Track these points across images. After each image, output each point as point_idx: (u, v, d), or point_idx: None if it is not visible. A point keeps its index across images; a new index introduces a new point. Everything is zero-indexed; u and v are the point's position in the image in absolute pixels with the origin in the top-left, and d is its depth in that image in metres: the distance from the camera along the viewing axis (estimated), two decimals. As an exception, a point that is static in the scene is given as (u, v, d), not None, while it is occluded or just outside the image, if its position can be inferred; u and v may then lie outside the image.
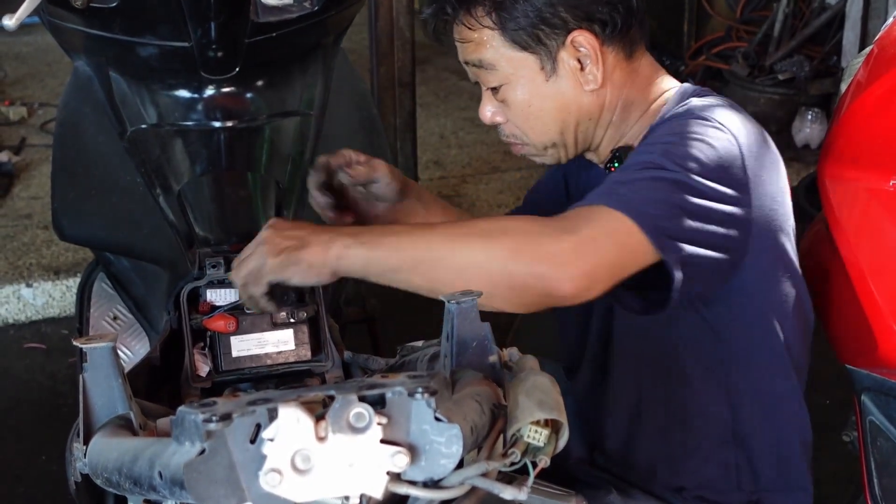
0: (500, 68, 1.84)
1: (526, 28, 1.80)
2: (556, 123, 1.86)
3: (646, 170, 1.67)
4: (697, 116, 1.75)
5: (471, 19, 1.83)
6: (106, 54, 2.04)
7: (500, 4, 1.80)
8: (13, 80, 5.66)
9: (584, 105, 1.85)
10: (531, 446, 1.09)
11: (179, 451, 0.96)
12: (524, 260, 1.53)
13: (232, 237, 1.99)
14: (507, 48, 1.83)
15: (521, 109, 1.87)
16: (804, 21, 5.35)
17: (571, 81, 1.84)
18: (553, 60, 1.82)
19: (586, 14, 1.80)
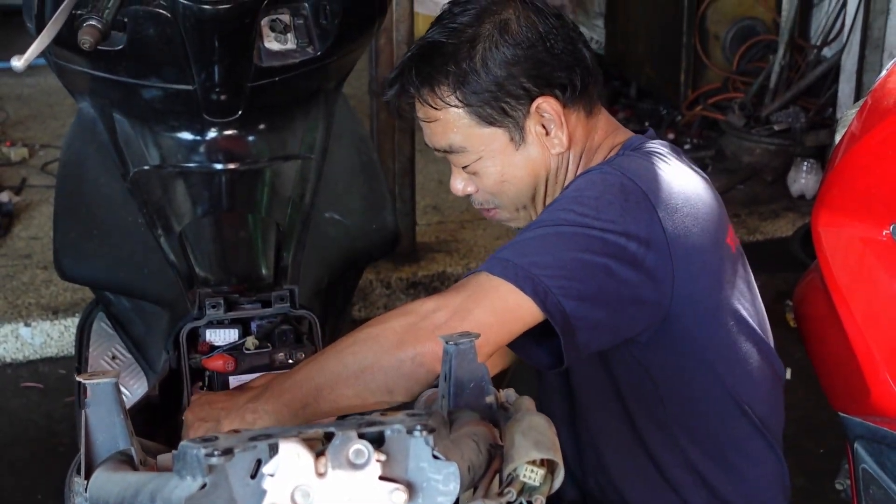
0: (470, 148, 1.85)
1: (490, 102, 1.81)
2: (528, 188, 1.88)
3: (540, 227, 1.69)
4: (604, 170, 1.77)
5: (435, 98, 1.83)
6: (110, 96, 2.07)
7: (463, 80, 1.80)
8: (15, 121, 5.69)
9: (552, 166, 1.87)
10: (527, 485, 1.10)
11: (181, 485, 0.97)
12: (407, 346, 1.55)
13: (232, 278, 2.01)
14: (474, 126, 1.83)
15: (494, 180, 1.88)
16: (800, 73, 5.39)
17: (539, 147, 1.85)
18: (521, 130, 1.83)
19: (547, 80, 1.81)
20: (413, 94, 1.85)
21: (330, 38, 2.00)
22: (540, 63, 1.80)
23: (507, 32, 1.80)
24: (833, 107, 5.18)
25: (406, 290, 4.11)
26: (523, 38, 1.80)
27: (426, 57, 1.83)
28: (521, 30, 1.80)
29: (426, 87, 1.83)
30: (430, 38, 1.84)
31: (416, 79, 1.84)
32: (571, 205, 1.70)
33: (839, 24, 5.26)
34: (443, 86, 1.82)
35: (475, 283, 1.63)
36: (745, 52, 5.66)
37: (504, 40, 1.79)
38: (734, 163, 5.21)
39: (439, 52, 1.82)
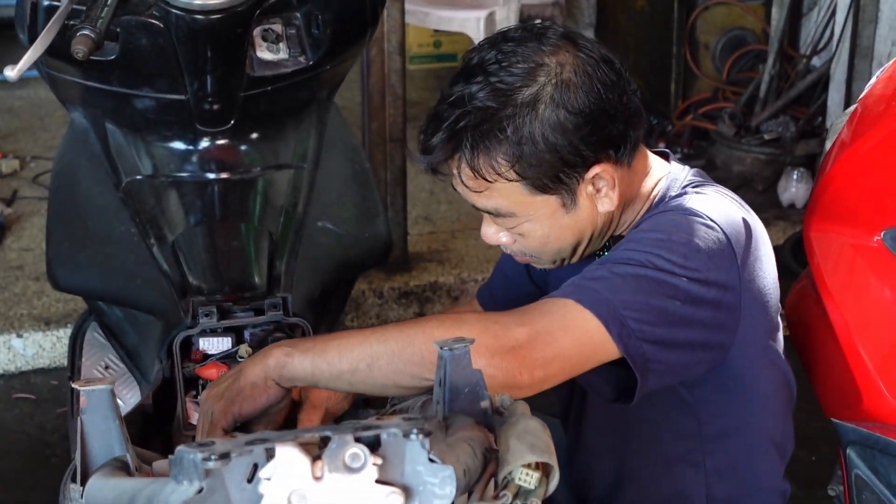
0: (518, 213, 1.75)
1: (548, 173, 1.70)
2: (571, 246, 1.80)
3: (627, 265, 1.64)
4: (687, 211, 1.72)
5: (490, 171, 1.71)
6: (103, 106, 2.07)
7: (520, 152, 1.68)
8: (5, 134, 5.69)
9: (599, 223, 1.80)
10: (522, 489, 1.11)
11: (177, 490, 0.97)
12: (482, 353, 1.47)
13: (225, 287, 2.01)
14: (526, 195, 1.72)
15: (539, 242, 1.79)
16: (790, 82, 5.41)
17: (589, 207, 1.76)
18: (573, 195, 1.74)
19: (604, 142, 1.71)
20: (463, 160, 1.72)
21: (322, 48, 2.01)
22: (599, 126, 1.69)
23: (568, 94, 1.67)
24: (823, 116, 5.20)
25: (398, 300, 4.12)
26: (584, 100, 1.68)
27: (480, 126, 1.69)
28: (581, 91, 1.67)
29: (482, 158, 1.70)
30: (480, 104, 1.69)
31: (469, 150, 1.70)
32: (660, 249, 1.65)
33: (828, 34, 5.28)
34: (500, 158, 1.69)
35: (563, 310, 1.58)
36: (735, 61, 5.67)
37: (565, 104, 1.67)
38: (725, 172, 5.22)
39: (495, 120, 1.68)
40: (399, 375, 1.54)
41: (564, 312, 1.58)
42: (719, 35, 5.67)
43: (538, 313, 1.58)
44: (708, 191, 1.80)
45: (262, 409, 1.64)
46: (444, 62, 6.70)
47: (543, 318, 1.57)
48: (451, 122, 1.71)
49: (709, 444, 1.88)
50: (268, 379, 1.60)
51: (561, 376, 1.57)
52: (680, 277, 1.64)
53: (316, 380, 1.59)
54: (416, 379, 1.53)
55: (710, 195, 1.79)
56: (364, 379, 1.56)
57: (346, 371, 1.55)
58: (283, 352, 1.59)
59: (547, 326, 1.56)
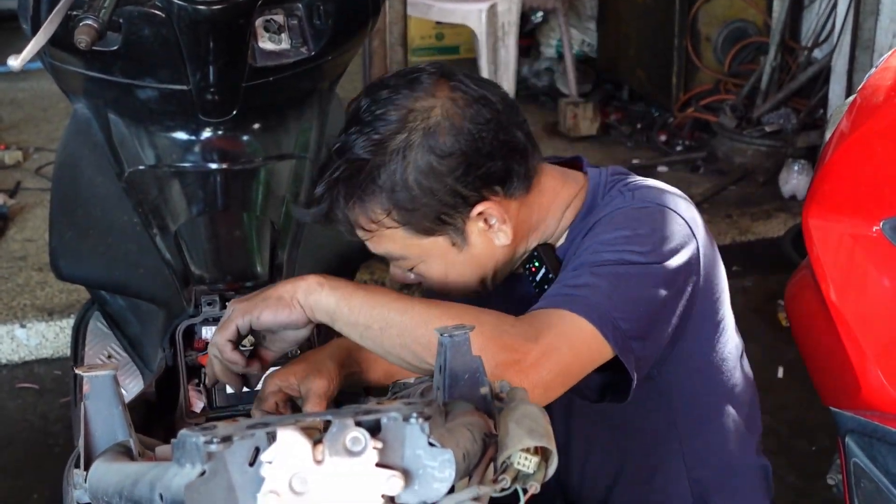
0: (409, 256, 1.78)
1: (429, 216, 1.72)
2: (474, 279, 1.82)
3: (604, 266, 1.66)
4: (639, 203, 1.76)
5: (368, 221, 1.74)
6: (105, 96, 2.08)
7: (395, 200, 1.70)
8: (8, 125, 5.70)
9: (499, 255, 1.80)
10: (521, 473, 1.11)
11: (180, 473, 0.98)
12: (491, 358, 1.46)
13: (227, 276, 2.02)
14: (412, 238, 1.75)
15: (438, 280, 1.81)
16: (791, 75, 5.41)
17: (483, 243, 1.77)
18: (462, 233, 1.75)
19: (484, 181, 1.72)
20: (339, 215, 1.76)
21: (324, 39, 2.01)
22: (473, 166, 1.70)
23: (436, 143, 1.69)
24: (824, 108, 5.20)
25: (400, 291, 4.12)
26: (452, 142, 1.69)
27: (352, 178, 1.72)
28: (449, 134, 1.69)
29: (357, 209, 1.73)
30: (353, 155, 1.71)
31: (344, 201, 1.73)
32: (629, 245, 1.68)
33: (829, 26, 5.28)
34: (376, 207, 1.72)
35: (565, 323, 1.59)
36: (737, 53, 5.68)
37: (433, 148, 1.68)
38: (726, 164, 5.24)
39: (366, 171, 1.71)
40: (404, 350, 1.56)
41: (566, 325, 1.59)
42: (721, 27, 5.68)
43: (544, 327, 1.59)
44: (640, 182, 1.83)
45: (279, 324, 1.65)
46: (446, 54, 6.71)
47: (550, 332, 1.58)
48: (328, 174, 1.75)
49: (683, 428, 1.90)
50: (294, 298, 1.62)
51: (559, 392, 1.59)
52: (654, 265, 1.67)
53: (334, 319, 1.61)
54: (419, 360, 1.56)
55: (646, 185, 1.82)
56: (373, 338, 1.58)
57: (361, 324, 1.58)
58: (317, 280, 1.62)
59: (553, 342, 1.57)
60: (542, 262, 1.81)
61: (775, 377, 3.66)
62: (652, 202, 1.76)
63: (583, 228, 1.78)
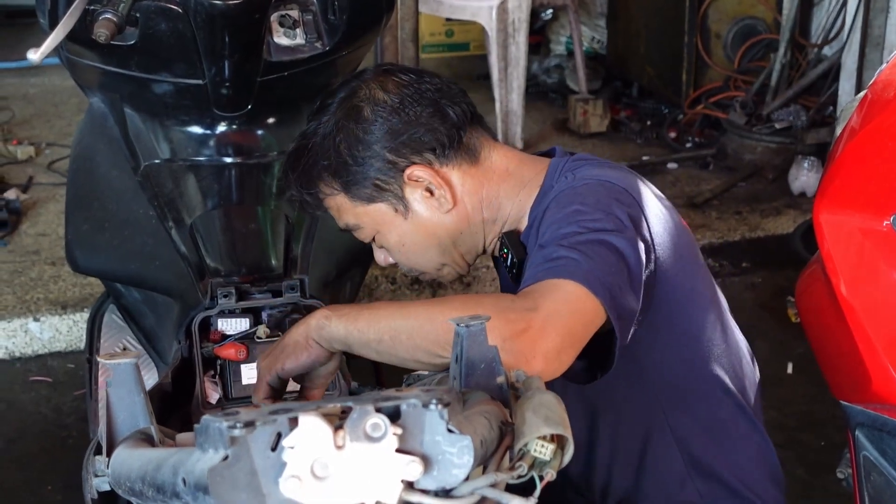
0: (363, 225, 1.91)
1: (364, 184, 1.86)
2: (432, 249, 1.91)
3: (570, 238, 1.70)
4: (583, 181, 1.81)
5: (319, 192, 1.90)
6: (121, 91, 2.09)
7: (335, 172, 1.87)
8: (21, 121, 5.72)
9: (450, 224, 1.90)
10: (538, 460, 1.13)
11: (203, 458, 1.00)
12: (497, 336, 1.49)
13: (242, 268, 2.04)
14: (358, 206, 1.88)
15: (398, 250, 1.92)
16: (801, 72, 5.42)
17: (428, 210, 1.88)
18: (402, 200, 1.87)
19: (413, 149, 1.86)
20: (299, 195, 1.92)
21: (338, 34, 2.03)
22: (398, 134, 1.85)
23: (361, 117, 1.85)
24: (834, 105, 5.21)
25: (410, 286, 4.14)
26: (377, 117, 1.85)
27: (297, 161, 1.90)
28: (374, 110, 1.85)
29: (307, 185, 1.90)
30: (295, 143, 1.93)
31: (294, 183, 1.91)
32: (582, 216, 1.73)
33: (839, 23, 5.29)
34: (319, 181, 1.89)
35: (561, 289, 1.63)
36: (747, 50, 5.69)
37: (359, 126, 1.85)
38: (735, 161, 5.24)
39: (308, 151, 1.89)
40: (417, 351, 1.61)
41: (559, 290, 1.63)
42: (731, 24, 5.69)
43: (540, 296, 1.63)
44: (585, 164, 1.89)
45: (305, 367, 1.73)
46: (455, 51, 6.72)
47: (546, 299, 1.62)
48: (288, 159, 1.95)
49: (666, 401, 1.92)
50: (309, 338, 1.69)
51: (570, 357, 1.61)
52: (609, 232, 1.71)
53: (349, 344, 1.67)
54: (433, 356, 1.59)
55: (588, 165, 1.88)
56: (387, 350, 1.63)
57: (373, 340, 1.64)
58: (323, 314, 1.69)
59: (552, 306, 1.60)
60: (508, 248, 1.89)
61: (784, 372, 3.67)
62: (591, 178, 1.82)
63: (539, 212, 1.84)
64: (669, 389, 1.92)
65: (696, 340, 1.92)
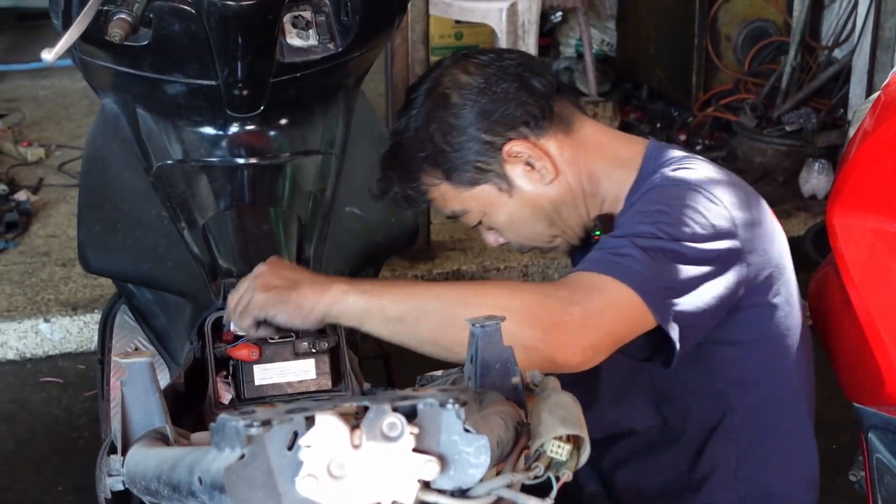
0: (470, 209, 1.94)
1: (466, 168, 1.89)
2: (541, 222, 1.93)
3: (643, 238, 1.72)
4: (682, 183, 1.81)
5: (421, 185, 1.94)
6: (134, 91, 2.10)
7: (434, 162, 1.90)
8: (31, 122, 5.72)
9: (554, 196, 1.91)
10: (554, 461, 1.13)
11: (219, 457, 1.00)
12: (536, 324, 1.57)
13: (255, 269, 2.03)
14: (464, 191, 1.91)
15: (508, 228, 1.95)
16: (811, 74, 5.41)
17: (531, 184, 1.90)
18: (505, 178, 1.90)
19: (506, 125, 1.88)
20: (400, 191, 1.96)
21: (351, 35, 2.03)
22: (489, 113, 1.87)
23: (447, 104, 1.89)
24: (844, 107, 5.19)
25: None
26: (465, 100, 1.88)
27: (394, 158, 1.96)
28: (461, 94, 1.89)
29: (408, 181, 1.94)
30: (391, 138, 1.98)
31: (397, 181, 1.95)
32: (664, 217, 1.75)
33: (850, 26, 5.27)
34: (419, 173, 1.92)
35: (607, 288, 1.66)
36: (757, 53, 5.67)
37: (448, 111, 1.88)
38: (746, 163, 5.23)
39: (403, 146, 1.93)
40: (443, 336, 1.61)
41: (609, 290, 1.65)
42: (741, 26, 5.67)
43: (586, 290, 1.65)
44: (689, 162, 1.89)
45: (291, 326, 1.76)
46: (465, 53, 6.71)
47: (592, 296, 1.65)
48: (384, 158, 2.00)
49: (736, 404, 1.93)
50: (315, 309, 1.69)
51: (606, 354, 1.65)
52: (688, 243, 1.72)
53: (363, 321, 1.67)
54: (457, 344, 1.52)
55: (691, 166, 1.88)
56: (408, 330, 1.64)
57: (395, 318, 1.64)
58: (341, 289, 1.68)
59: (597, 305, 1.64)
60: (602, 231, 1.91)
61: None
62: (689, 182, 1.81)
63: (635, 200, 1.85)
64: (739, 390, 1.93)
65: (782, 349, 1.94)
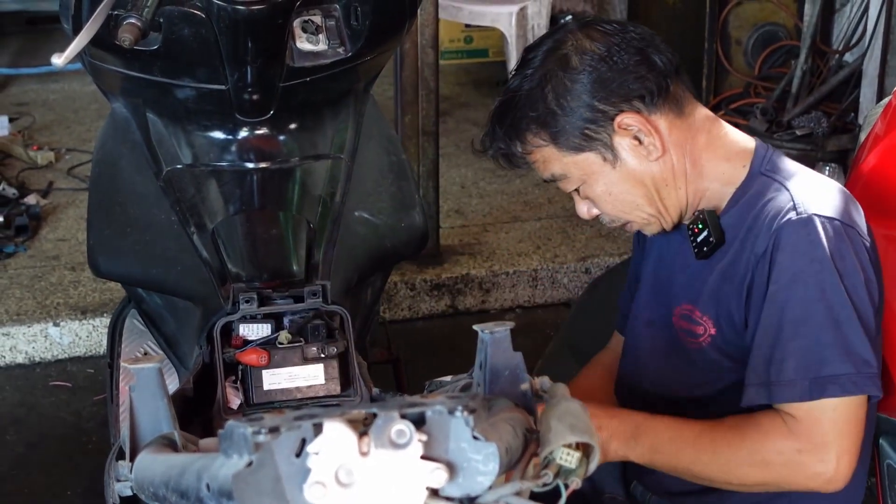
0: (570, 175, 1.92)
1: (574, 133, 1.88)
2: (640, 198, 1.93)
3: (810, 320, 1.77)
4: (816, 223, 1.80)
5: (526, 145, 1.93)
6: (144, 96, 2.09)
7: (544, 123, 1.89)
8: (41, 126, 5.73)
9: (657, 173, 1.91)
10: (563, 468, 1.12)
11: (227, 463, 1.00)
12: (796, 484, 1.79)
13: (264, 274, 2.03)
14: (567, 156, 1.90)
15: (605, 200, 1.94)
16: (822, 78, 5.40)
17: (636, 158, 1.90)
18: (611, 149, 1.89)
19: (622, 96, 1.87)
20: (505, 149, 1.96)
21: (360, 40, 2.03)
22: (607, 83, 1.86)
23: (569, 66, 1.87)
24: (855, 111, 5.18)
25: (430, 292, 4.14)
26: (585, 66, 1.87)
27: (505, 110, 1.94)
28: (582, 59, 1.87)
29: (514, 138, 1.93)
30: (504, 95, 1.95)
31: (502, 133, 1.95)
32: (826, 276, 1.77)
33: (861, 29, 5.26)
34: (527, 132, 1.91)
35: (826, 415, 1.75)
36: (767, 57, 5.67)
37: (568, 74, 1.87)
38: (756, 167, 5.21)
39: (515, 103, 1.92)
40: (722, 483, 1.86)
41: (831, 417, 1.76)
42: (751, 30, 5.67)
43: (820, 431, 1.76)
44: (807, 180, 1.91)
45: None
46: (474, 58, 6.71)
47: (828, 434, 1.75)
48: (493, 113, 1.98)
49: None
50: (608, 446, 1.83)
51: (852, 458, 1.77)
52: (862, 296, 1.79)
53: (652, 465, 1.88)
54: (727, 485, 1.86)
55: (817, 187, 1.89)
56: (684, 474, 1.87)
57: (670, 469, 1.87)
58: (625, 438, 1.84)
59: (836, 440, 1.75)
60: (706, 226, 1.91)
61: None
62: (827, 218, 1.82)
63: (746, 209, 1.88)
64: None
65: None
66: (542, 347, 2.84)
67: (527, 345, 1.69)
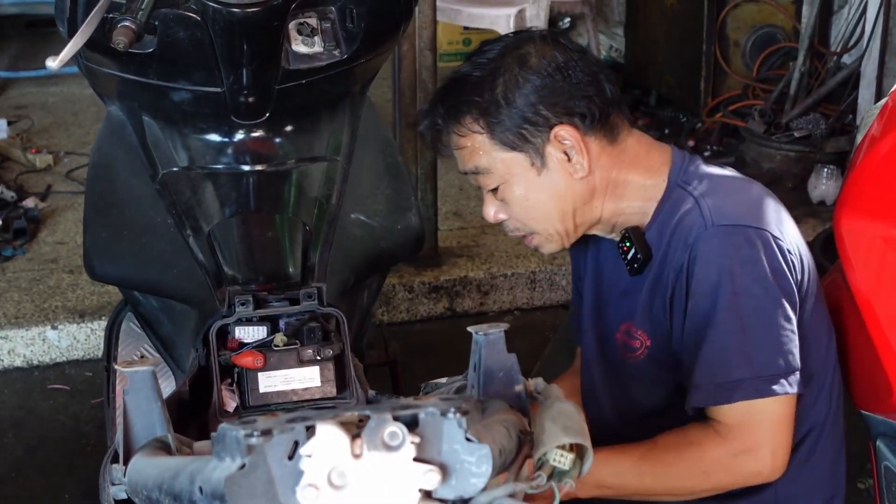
0: (494, 171, 1.95)
1: (511, 129, 1.91)
2: (554, 212, 1.96)
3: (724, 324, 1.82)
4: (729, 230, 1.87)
5: (461, 128, 1.95)
6: (140, 99, 2.09)
7: (485, 111, 1.92)
8: (40, 129, 5.73)
9: (577, 192, 1.95)
10: (557, 470, 1.12)
11: (220, 466, 1.00)
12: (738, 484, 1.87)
13: (260, 276, 2.03)
14: (497, 150, 1.94)
15: (519, 204, 1.97)
16: (820, 80, 5.39)
17: (561, 172, 1.94)
18: (541, 156, 1.93)
19: (566, 109, 1.91)
20: (441, 125, 1.98)
21: (356, 42, 2.02)
22: (557, 92, 1.91)
23: (526, 65, 1.92)
24: (853, 113, 5.18)
25: (428, 294, 4.14)
26: (541, 69, 1.91)
27: (452, 90, 1.98)
28: (540, 62, 1.91)
29: (452, 118, 1.96)
30: (456, 74, 1.99)
31: (442, 110, 1.97)
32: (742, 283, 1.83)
33: (859, 31, 5.26)
34: (467, 115, 1.94)
35: (742, 416, 1.82)
36: (765, 59, 5.66)
37: (523, 72, 1.91)
38: (754, 169, 5.21)
39: (463, 85, 1.96)
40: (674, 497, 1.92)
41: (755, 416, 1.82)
42: (749, 32, 5.66)
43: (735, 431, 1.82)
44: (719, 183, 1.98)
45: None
46: (473, 60, 6.70)
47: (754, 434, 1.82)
48: (433, 94, 2.06)
49: None
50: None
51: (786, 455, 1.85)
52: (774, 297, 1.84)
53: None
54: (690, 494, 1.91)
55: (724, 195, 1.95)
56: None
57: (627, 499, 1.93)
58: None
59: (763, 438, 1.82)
60: (632, 243, 1.95)
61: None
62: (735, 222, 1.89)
63: (665, 223, 1.92)
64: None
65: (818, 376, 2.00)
66: (541, 349, 2.84)
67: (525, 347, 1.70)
